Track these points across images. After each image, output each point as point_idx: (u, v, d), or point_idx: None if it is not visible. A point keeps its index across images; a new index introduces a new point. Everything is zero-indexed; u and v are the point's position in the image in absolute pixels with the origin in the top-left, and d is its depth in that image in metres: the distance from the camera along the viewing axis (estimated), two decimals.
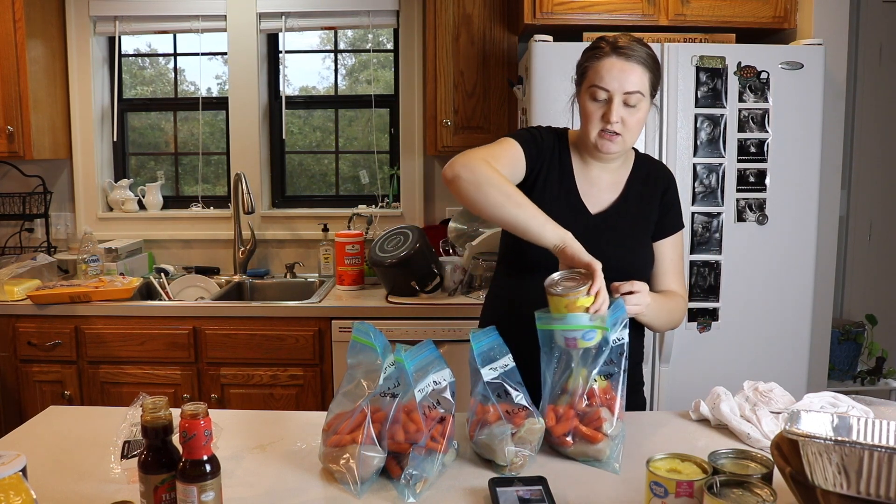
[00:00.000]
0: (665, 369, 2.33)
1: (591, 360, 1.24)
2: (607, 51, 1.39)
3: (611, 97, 1.38)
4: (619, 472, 1.18)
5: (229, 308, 2.52)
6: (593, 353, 1.23)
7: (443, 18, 2.68)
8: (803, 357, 2.34)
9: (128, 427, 1.16)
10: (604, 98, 1.39)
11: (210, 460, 0.97)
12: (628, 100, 1.38)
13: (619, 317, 1.27)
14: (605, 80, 1.38)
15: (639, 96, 1.38)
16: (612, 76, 1.37)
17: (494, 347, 1.25)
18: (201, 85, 3.24)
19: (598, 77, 1.39)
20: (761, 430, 1.28)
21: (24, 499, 0.88)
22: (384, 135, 3.25)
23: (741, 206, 2.28)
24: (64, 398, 2.52)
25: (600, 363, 1.23)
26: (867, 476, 0.88)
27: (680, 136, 2.25)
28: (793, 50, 2.25)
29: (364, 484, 1.10)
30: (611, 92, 1.38)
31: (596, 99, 1.40)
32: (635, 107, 1.39)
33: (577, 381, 1.24)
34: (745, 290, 2.30)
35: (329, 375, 2.50)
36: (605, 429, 1.19)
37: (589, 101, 1.41)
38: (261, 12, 3.06)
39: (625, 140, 1.42)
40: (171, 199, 3.28)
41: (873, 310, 3.02)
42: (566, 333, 1.22)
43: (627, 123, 1.40)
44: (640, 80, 1.38)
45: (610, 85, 1.37)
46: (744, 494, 0.93)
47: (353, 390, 1.17)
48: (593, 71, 1.40)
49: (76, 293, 2.50)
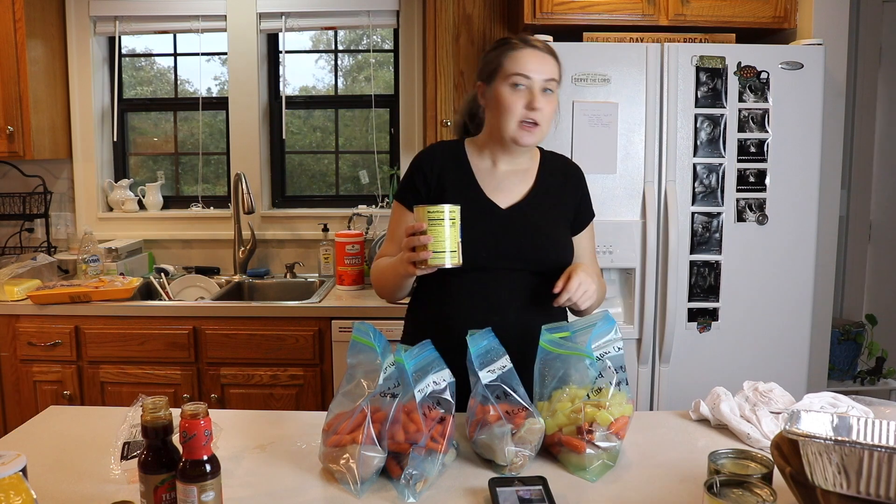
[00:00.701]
0: (665, 369, 2.33)
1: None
2: (519, 44, 1.46)
3: (532, 84, 1.43)
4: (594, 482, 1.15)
5: (229, 308, 2.52)
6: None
7: (443, 18, 2.68)
8: (803, 357, 2.34)
9: (128, 428, 1.16)
10: (524, 87, 1.43)
11: (210, 460, 0.97)
12: (547, 87, 1.44)
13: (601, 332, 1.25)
14: (527, 67, 1.43)
15: (554, 84, 1.46)
16: (534, 64, 1.43)
17: (491, 349, 1.24)
18: (201, 85, 3.24)
19: (520, 65, 1.43)
20: (761, 430, 1.28)
21: (24, 499, 0.88)
22: (384, 135, 3.25)
23: (741, 206, 2.28)
24: (64, 398, 2.52)
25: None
26: (867, 476, 0.88)
27: (680, 136, 2.25)
28: (793, 50, 2.25)
29: (364, 484, 1.10)
30: (532, 79, 1.43)
31: (517, 88, 1.43)
32: (552, 95, 1.45)
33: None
34: (745, 290, 2.30)
35: (329, 375, 2.50)
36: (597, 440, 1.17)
37: (509, 92, 1.44)
38: (261, 12, 3.06)
39: (542, 130, 1.46)
40: (171, 199, 3.28)
41: (873, 310, 3.02)
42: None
43: (545, 112, 1.44)
44: (554, 69, 1.46)
45: (532, 72, 1.43)
46: (744, 494, 0.93)
47: (353, 390, 1.17)
48: (512, 61, 1.44)
49: (76, 293, 2.50)
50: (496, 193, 1.51)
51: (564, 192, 1.56)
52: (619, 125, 2.24)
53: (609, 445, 1.17)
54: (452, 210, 1.27)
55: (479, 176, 1.52)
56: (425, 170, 1.53)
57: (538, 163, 1.57)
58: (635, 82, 2.23)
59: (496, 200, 1.50)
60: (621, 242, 2.26)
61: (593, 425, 1.17)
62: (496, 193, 1.51)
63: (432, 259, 1.27)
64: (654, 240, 2.26)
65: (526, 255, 1.44)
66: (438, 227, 1.26)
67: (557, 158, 1.61)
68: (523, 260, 1.43)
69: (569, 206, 1.56)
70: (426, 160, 1.55)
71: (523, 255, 1.44)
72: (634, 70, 2.23)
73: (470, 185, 1.51)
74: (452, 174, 1.52)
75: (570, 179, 1.58)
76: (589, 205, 1.61)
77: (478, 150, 1.55)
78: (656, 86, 2.24)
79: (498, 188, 1.52)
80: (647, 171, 2.26)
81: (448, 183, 1.51)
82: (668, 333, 2.27)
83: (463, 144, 1.57)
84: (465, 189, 1.51)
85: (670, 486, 1.13)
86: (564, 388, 1.23)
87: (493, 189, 1.52)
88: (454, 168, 1.53)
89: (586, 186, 1.61)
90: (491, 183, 1.52)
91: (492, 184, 1.52)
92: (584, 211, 1.59)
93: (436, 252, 1.27)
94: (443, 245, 1.27)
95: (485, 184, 1.52)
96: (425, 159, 1.55)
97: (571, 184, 1.58)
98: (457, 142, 1.59)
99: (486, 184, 1.52)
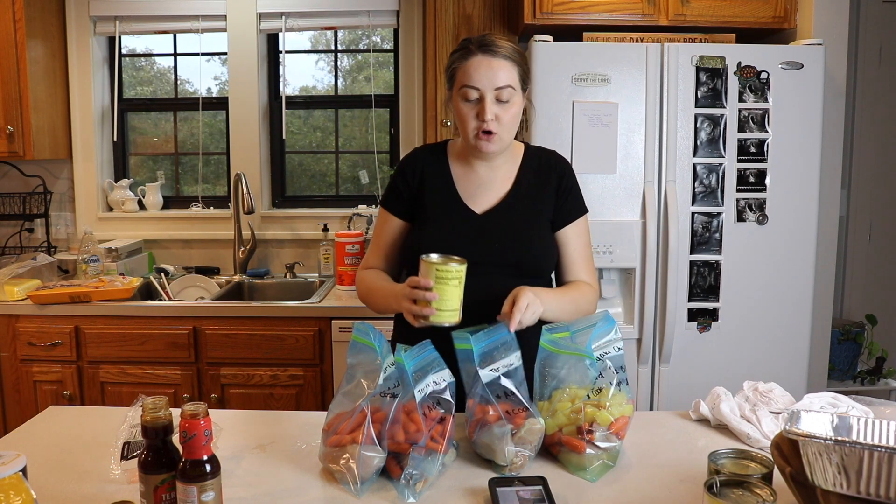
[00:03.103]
0: (665, 369, 2.33)
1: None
2: (473, 50, 1.41)
3: (482, 95, 1.39)
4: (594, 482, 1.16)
5: (229, 308, 2.52)
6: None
7: (443, 18, 2.68)
8: (803, 357, 2.34)
9: (127, 428, 1.16)
10: (475, 97, 1.40)
11: (210, 460, 0.97)
12: (500, 95, 1.40)
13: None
14: (474, 78, 1.39)
15: (510, 90, 1.40)
16: (480, 74, 1.39)
17: (497, 347, 1.24)
18: (201, 85, 3.24)
19: (468, 77, 1.40)
20: (761, 430, 1.28)
21: (24, 499, 0.88)
22: (384, 135, 3.25)
23: (741, 206, 2.28)
24: (64, 398, 2.52)
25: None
26: (867, 476, 0.88)
27: (680, 136, 2.25)
28: (793, 50, 2.25)
29: (364, 484, 1.10)
30: (482, 90, 1.39)
31: (468, 99, 1.41)
32: (508, 101, 1.41)
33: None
34: (745, 290, 2.30)
35: (329, 375, 2.50)
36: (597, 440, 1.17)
37: (462, 103, 1.42)
38: (261, 12, 3.06)
39: (502, 138, 1.43)
40: (171, 199, 3.28)
41: (873, 310, 3.02)
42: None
43: (502, 120, 1.41)
44: (508, 74, 1.40)
45: (480, 83, 1.39)
46: (744, 494, 0.93)
47: (353, 390, 1.17)
48: (462, 71, 1.41)
49: (76, 293, 2.50)
50: (472, 198, 1.50)
51: (544, 189, 1.51)
52: (619, 125, 2.24)
53: (609, 445, 1.17)
54: (459, 270, 1.25)
55: (457, 181, 1.51)
56: (407, 174, 1.53)
57: (519, 162, 1.53)
58: (635, 82, 2.23)
59: (472, 206, 1.49)
60: (621, 242, 2.26)
61: (593, 425, 1.17)
62: (472, 198, 1.50)
63: (434, 316, 1.25)
64: (654, 240, 2.26)
65: (503, 258, 1.42)
66: (445, 286, 1.24)
67: (541, 155, 1.56)
68: (501, 264, 1.41)
69: (548, 203, 1.51)
70: (409, 165, 1.55)
71: (501, 258, 1.42)
72: (634, 70, 2.23)
73: (447, 190, 1.50)
74: (432, 179, 1.51)
75: (551, 175, 1.52)
76: (576, 199, 1.54)
77: (457, 154, 1.54)
78: (656, 86, 2.24)
79: (475, 193, 1.50)
80: (647, 171, 2.26)
81: (427, 188, 1.51)
82: (668, 333, 2.27)
83: (446, 148, 1.56)
84: (443, 194, 1.50)
85: (670, 486, 1.13)
86: (565, 389, 1.23)
87: (469, 194, 1.50)
88: (434, 173, 1.52)
89: (572, 180, 1.54)
90: (468, 188, 1.50)
91: (469, 189, 1.50)
92: (567, 206, 1.52)
93: (439, 310, 1.25)
94: (447, 304, 1.25)
95: (462, 189, 1.50)
96: (408, 164, 1.55)
97: (553, 179, 1.52)
98: (441, 145, 1.58)
99: (463, 189, 1.50)
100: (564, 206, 1.52)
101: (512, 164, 1.53)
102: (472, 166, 1.51)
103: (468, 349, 1.21)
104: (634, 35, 2.40)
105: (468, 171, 1.52)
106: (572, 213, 1.53)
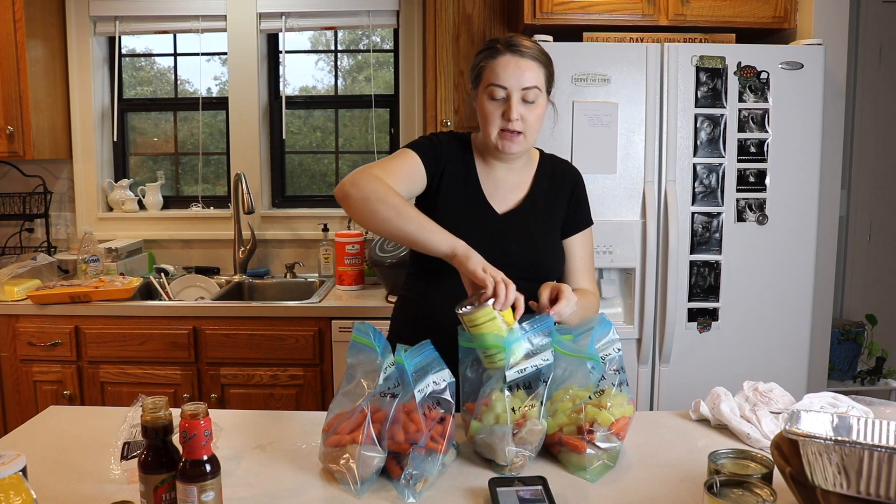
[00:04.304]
0: (665, 369, 2.33)
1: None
2: (501, 49, 1.41)
3: (509, 94, 1.39)
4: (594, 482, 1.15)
5: (229, 308, 2.52)
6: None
7: (443, 18, 2.68)
8: (803, 357, 2.34)
9: (127, 428, 1.16)
10: (502, 96, 1.40)
11: (210, 460, 0.97)
12: (526, 96, 1.40)
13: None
14: (501, 77, 1.39)
15: (536, 91, 1.40)
16: (508, 73, 1.39)
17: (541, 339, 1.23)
18: (201, 85, 3.24)
19: (495, 75, 1.40)
20: (761, 430, 1.28)
21: (24, 499, 0.88)
22: (384, 135, 3.25)
23: (741, 206, 2.28)
24: (64, 398, 2.52)
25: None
26: (867, 476, 0.88)
27: (680, 136, 2.25)
28: (793, 50, 2.25)
29: (364, 484, 1.10)
30: (509, 89, 1.39)
31: (494, 98, 1.41)
32: (534, 102, 1.41)
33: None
34: (745, 290, 2.30)
35: (329, 375, 2.50)
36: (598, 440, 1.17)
37: (487, 101, 1.42)
38: (261, 12, 3.06)
39: (526, 138, 1.43)
40: (171, 199, 3.28)
41: (873, 310, 3.02)
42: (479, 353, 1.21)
43: (527, 120, 1.41)
44: (535, 75, 1.40)
45: (507, 82, 1.39)
46: (744, 494, 0.93)
47: (353, 390, 1.17)
48: (489, 70, 1.41)
49: (76, 293, 2.50)
50: (493, 197, 1.50)
51: (558, 198, 1.54)
52: (619, 125, 2.24)
53: (609, 446, 1.17)
54: (486, 313, 1.19)
55: (480, 175, 1.51)
56: (443, 149, 1.49)
57: (535, 167, 1.55)
58: (635, 82, 2.23)
59: (493, 204, 1.50)
60: (621, 242, 2.26)
61: (594, 425, 1.17)
62: (493, 197, 1.50)
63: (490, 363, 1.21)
64: (654, 240, 2.26)
65: (518, 260, 1.41)
66: (479, 333, 1.19)
67: (556, 163, 1.58)
68: (515, 267, 1.39)
69: (560, 211, 1.53)
70: (445, 144, 1.50)
71: (515, 260, 1.41)
72: (634, 70, 2.23)
73: (471, 185, 1.50)
74: (456, 168, 1.50)
75: (565, 185, 1.55)
76: (585, 211, 1.58)
77: (479, 150, 1.54)
78: (656, 86, 2.24)
79: (496, 191, 1.51)
80: (647, 171, 2.26)
81: (448, 174, 1.49)
82: (668, 333, 2.27)
83: (470, 140, 1.55)
84: (466, 188, 1.49)
85: (670, 486, 1.13)
86: (567, 389, 1.23)
87: (491, 192, 1.50)
88: (460, 163, 1.51)
89: (583, 192, 1.57)
90: (489, 185, 1.51)
91: (490, 186, 1.51)
92: (577, 216, 1.55)
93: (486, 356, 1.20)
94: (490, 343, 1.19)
95: (485, 184, 1.51)
96: (443, 143, 1.51)
97: (566, 188, 1.55)
98: (466, 137, 1.56)
99: (485, 185, 1.51)
100: (574, 216, 1.55)
101: (529, 168, 1.54)
102: (491, 165, 1.51)
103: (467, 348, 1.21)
104: (634, 35, 2.41)
105: (488, 169, 1.52)
106: (581, 224, 1.56)
